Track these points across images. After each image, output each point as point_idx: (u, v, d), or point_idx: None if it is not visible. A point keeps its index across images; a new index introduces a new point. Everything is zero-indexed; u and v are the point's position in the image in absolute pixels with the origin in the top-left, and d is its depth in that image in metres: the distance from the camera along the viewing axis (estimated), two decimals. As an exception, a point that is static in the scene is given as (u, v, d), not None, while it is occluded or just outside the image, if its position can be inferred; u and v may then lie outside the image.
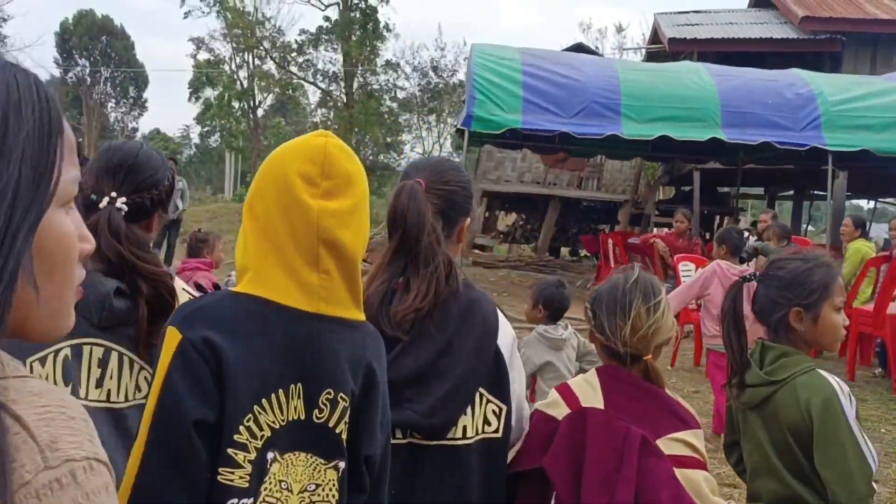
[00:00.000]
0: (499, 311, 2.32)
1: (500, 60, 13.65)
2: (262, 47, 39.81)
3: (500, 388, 2.24)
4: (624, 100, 12.74)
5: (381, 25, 37.35)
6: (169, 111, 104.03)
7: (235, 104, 42.15)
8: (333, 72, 39.31)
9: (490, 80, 13.12)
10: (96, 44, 62.31)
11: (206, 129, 56.15)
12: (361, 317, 1.81)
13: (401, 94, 40.12)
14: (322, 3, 37.50)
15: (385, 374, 1.85)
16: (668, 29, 19.72)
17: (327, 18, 38.13)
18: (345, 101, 38.57)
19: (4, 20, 38.22)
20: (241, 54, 41.78)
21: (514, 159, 19.00)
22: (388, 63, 39.11)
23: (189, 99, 48.42)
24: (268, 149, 49.21)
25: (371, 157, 37.71)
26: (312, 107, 47.14)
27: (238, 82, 41.58)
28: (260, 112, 45.21)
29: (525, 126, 12.92)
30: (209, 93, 45.03)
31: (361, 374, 1.77)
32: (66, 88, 67.69)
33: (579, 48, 21.38)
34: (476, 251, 18.47)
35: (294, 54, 39.72)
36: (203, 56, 42.62)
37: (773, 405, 2.58)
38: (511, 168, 19.15)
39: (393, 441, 1.95)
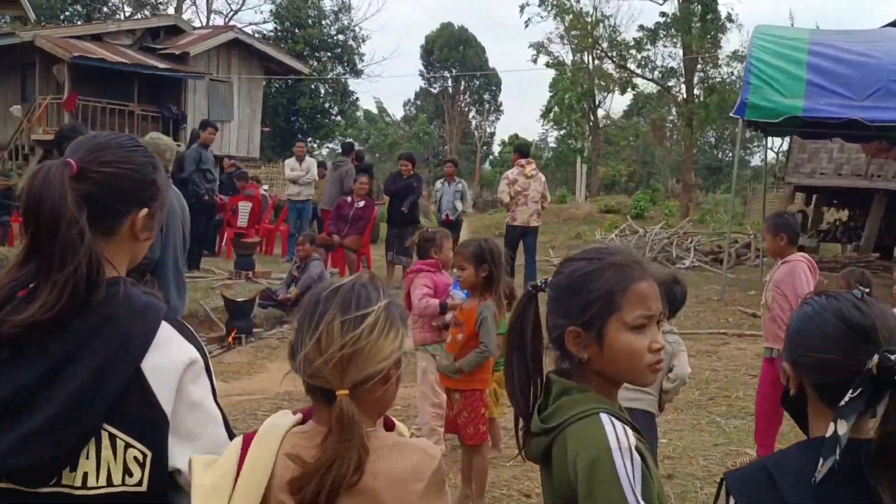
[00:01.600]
0: (173, 332, 1.86)
1: (783, 41, 12.38)
2: (599, 47, 39.59)
3: (142, 428, 1.79)
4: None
5: (723, 16, 35.79)
6: (525, 116, 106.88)
7: (575, 105, 42.21)
8: (672, 67, 38.39)
9: (769, 62, 11.94)
10: (455, 54, 65.21)
11: (562, 131, 56.91)
12: None
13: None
14: (659, -1, 36.66)
15: None
16: None
17: (664, 14, 37.24)
18: (685, 96, 37.31)
19: (363, 40, 40.97)
20: (579, 55, 41.82)
21: (829, 150, 17.15)
22: (734, 54, 37.24)
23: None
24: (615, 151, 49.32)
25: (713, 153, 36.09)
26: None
27: (578, 84, 41.60)
28: (600, 112, 45.04)
29: (807, 113, 11.59)
30: (548, 96, 45.55)
31: None
32: (431, 99, 71.91)
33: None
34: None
35: (633, 51, 39.19)
36: (542, 60, 43.11)
37: (552, 460, 1.93)
38: (827, 160, 17.30)
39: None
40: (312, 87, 39.27)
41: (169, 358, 1.83)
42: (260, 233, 17.04)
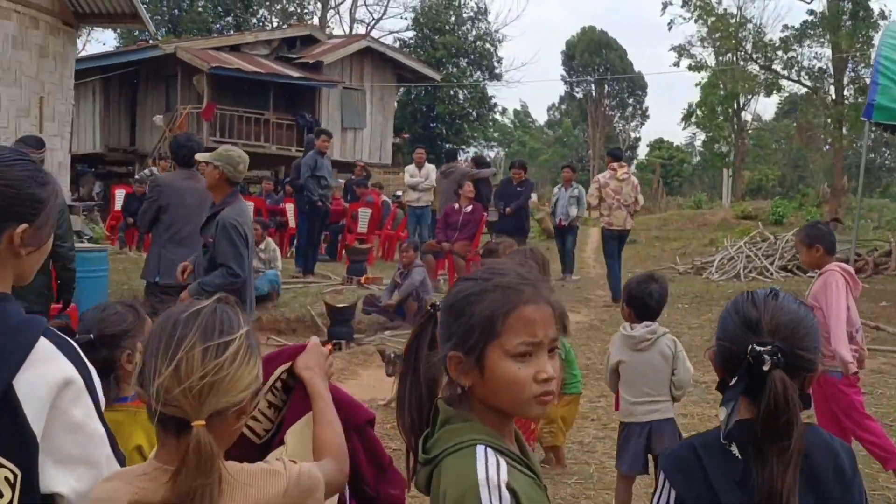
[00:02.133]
0: (54, 350, 1.81)
1: (915, 38, 11.58)
2: (742, 49, 38.34)
3: (11, 447, 1.75)
4: None
5: (876, 13, 34.08)
6: (672, 119, 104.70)
7: (719, 108, 41.08)
8: (819, 67, 36.81)
9: (899, 61, 11.17)
10: (597, 58, 64.45)
11: (710, 134, 55.49)
12: None
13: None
14: (806, -3, 35.23)
15: None
16: None
17: (812, 12, 35.77)
18: (833, 97, 35.69)
19: (499, 41, 40.98)
20: (721, 57, 40.61)
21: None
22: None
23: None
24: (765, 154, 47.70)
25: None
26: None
27: (721, 87, 40.46)
28: (748, 115, 43.60)
29: (942, 114, 10.81)
30: (692, 99, 44.49)
31: None
32: (575, 103, 71.35)
33: None
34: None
35: (779, 52, 37.79)
36: (685, 63, 42.06)
37: (432, 492, 1.79)
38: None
39: None
40: (451, 93, 39.59)
41: (43, 376, 1.78)
42: (381, 238, 17.23)
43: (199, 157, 6.66)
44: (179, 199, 7.41)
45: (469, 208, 13.31)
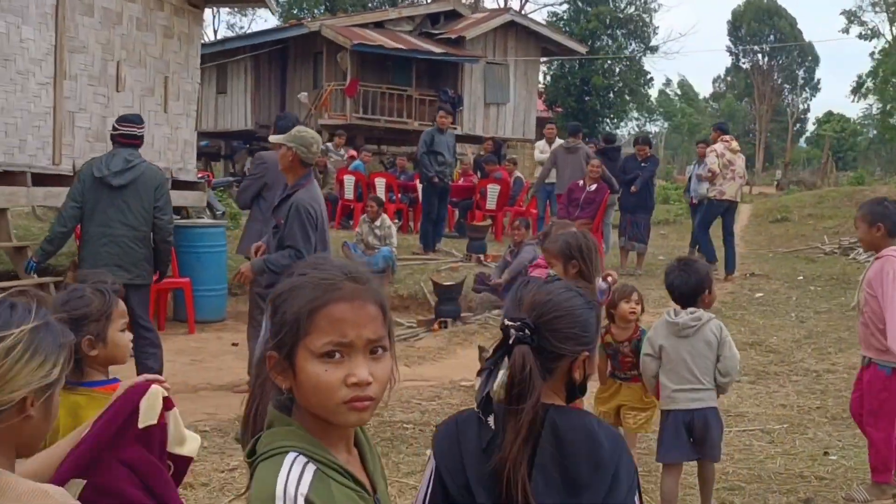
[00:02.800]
0: None
1: None
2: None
3: None
4: None
5: None
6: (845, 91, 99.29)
7: (893, 79, 38.69)
8: None
9: None
10: (765, 27, 61.81)
11: (886, 106, 52.52)
12: None
13: None
14: None
15: None
16: None
17: None
18: None
19: (655, 10, 39.88)
20: None
21: None
22: None
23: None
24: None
25: None
26: None
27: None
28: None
29: None
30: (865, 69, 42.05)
31: None
32: (740, 75, 68.78)
33: None
34: None
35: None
36: (854, 30, 39.85)
37: None
38: None
39: None
40: (606, 65, 38.80)
41: None
42: (512, 215, 17.05)
43: (272, 139, 6.70)
44: (282, 178, 7.54)
45: (593, 187, 12.94)
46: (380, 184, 17.21)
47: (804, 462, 5.80)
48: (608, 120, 41.08)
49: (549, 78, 40.90)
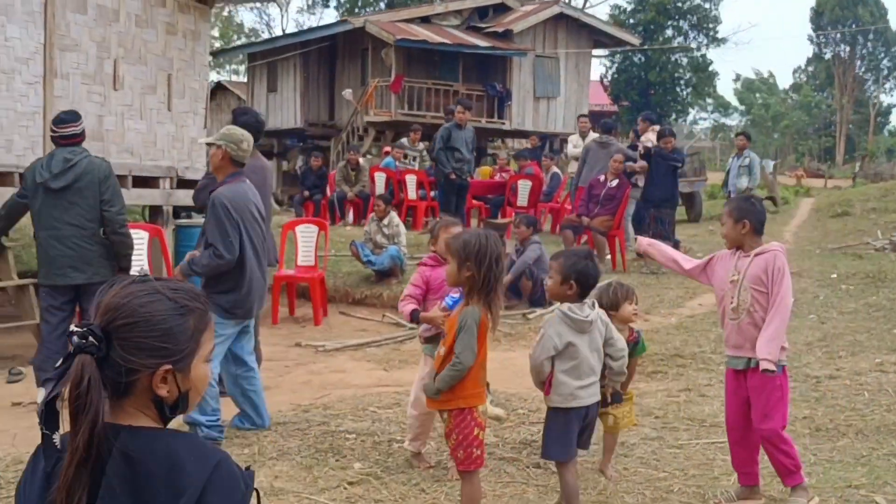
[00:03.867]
0: None
1: None
2: None
3: None
4: None
5: None
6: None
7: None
8: None
9: None
10: (849, 14, 59.81)
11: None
12: None
13: None
14: None
15: None
16: None
17: None
18: None
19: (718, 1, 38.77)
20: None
21: None
22: None
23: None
24: None
25: None
26: None
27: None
28: None
29: None
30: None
31: None
32: (821, 66, 66.75)
33: None
34: None
35: None
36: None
37: None
38: None
39: None
40: (672, 58, 37.89)
41: None
42: (547, 211, 16.62)
43: (201, 140, 6.49)
44: (252, 175, 7.28)
45: (614, 183, 12.47)
46: (411, 181, 16.92)
47: (764, 480, 5.30)
48: (674, 113, 40.18)
49: (612, 71, 40.20)
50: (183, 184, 11.28)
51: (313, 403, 6.89)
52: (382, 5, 40.99)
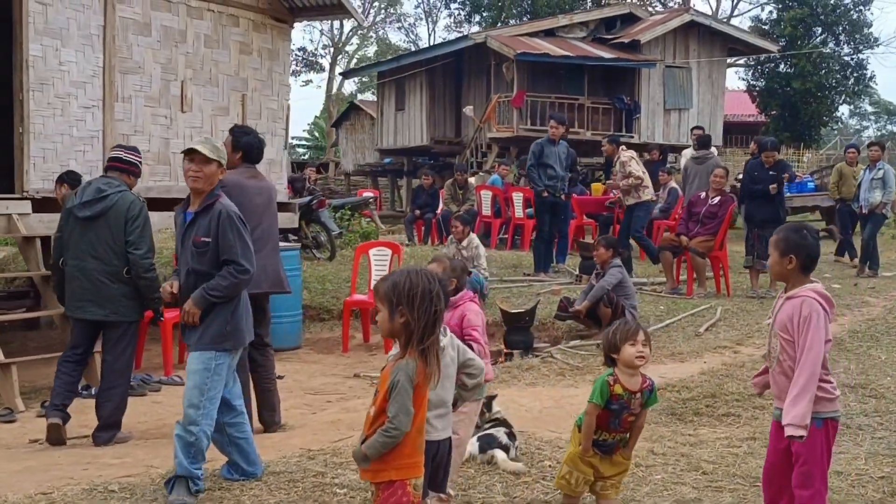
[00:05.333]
0: None
1: None
2: None
3: None
4: None
5: None
6: None
7: None
8: None
9: None
10: None
11: None
12: None
13: None
14: None
15: None
16: None
17: None
18: None
19: (864, 3, 36.28)
20: None
21: None
22: None
23: None
24: None
25: None
26: None
27: None
28: None
29: None
30: None
31: None
32: None
33: None
34: None
35: None
36: None
37: None
38: None
39: None
40: (819, 64, 35.71)
41: None
42: (663, 229, 15.62)
43: (201, 149, 6.07)
44: (248, 199, 6.82)
45: (716, 200, 11.45)
46: (518, 198, 16.28)
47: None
48: (822, 123, 37.90)
49: (754, 81, 38.33)
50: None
51: (324, 448, 6.32)
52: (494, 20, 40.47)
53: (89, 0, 9.21)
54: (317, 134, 53.46)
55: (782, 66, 35.75)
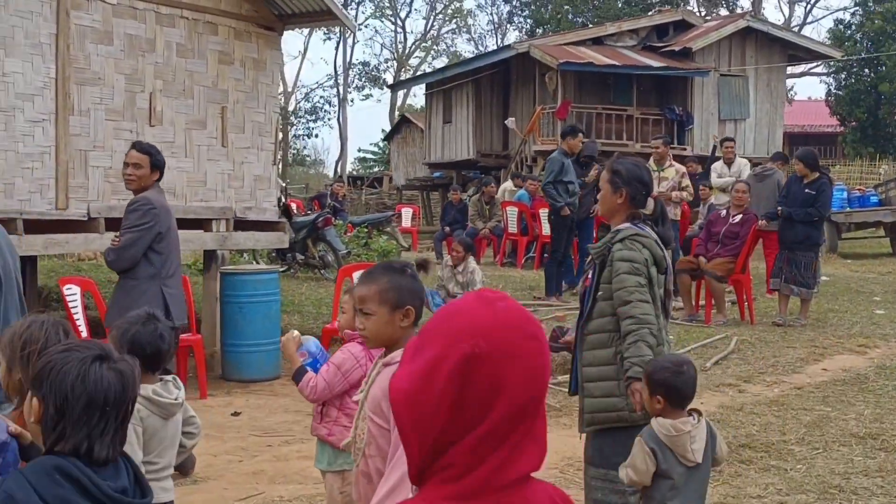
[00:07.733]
0: None
1: None
2: None
3: None
4: None
5: None
6: None
7: None
8: None
9: None
10: None
11: None
12: None
13: None
14: None
15: None
16: None
17: None
18: None
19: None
20: None
21: None
22: None
23: None
24: None
25: None
26: None
27: None
28: None
29: None
30: None
31: None
32: None
33: None
34: None
35: None
36: None
37: None
38: None
39: None
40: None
41: None
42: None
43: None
44: (172, 222, 6.20)
45: (737, 218, 10.38)
46: (545, 215, 15.32)
47: None
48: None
49: (840, 88, 36.65)
50: (240, 225, 10.36)
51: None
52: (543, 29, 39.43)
53: (38, 6, 8.59)
54: (381, 147, 53.12)
55: (863, 71, 34.17)
